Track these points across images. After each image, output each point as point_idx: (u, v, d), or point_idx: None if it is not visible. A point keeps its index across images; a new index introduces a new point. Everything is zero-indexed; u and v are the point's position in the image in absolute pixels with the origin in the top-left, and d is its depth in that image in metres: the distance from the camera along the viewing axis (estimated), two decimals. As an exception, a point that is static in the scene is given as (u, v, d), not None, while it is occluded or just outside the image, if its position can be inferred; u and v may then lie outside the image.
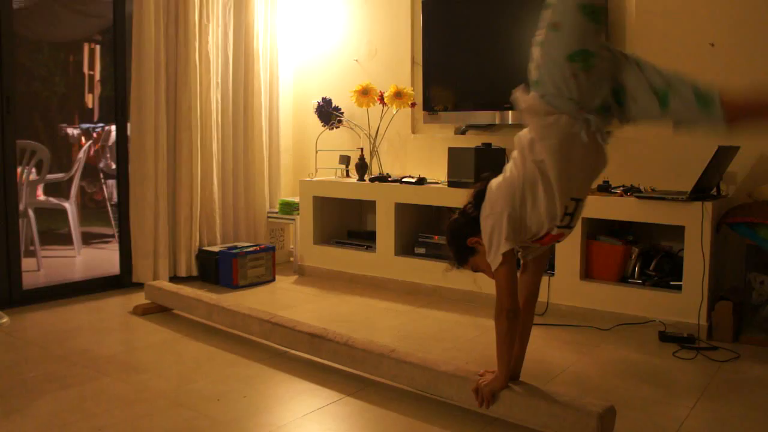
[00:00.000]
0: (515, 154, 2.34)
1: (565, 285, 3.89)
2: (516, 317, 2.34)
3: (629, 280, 3.81)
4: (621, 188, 3.85)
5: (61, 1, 7.05)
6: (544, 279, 3.86)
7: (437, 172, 4.73)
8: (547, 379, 2.93)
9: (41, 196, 5.83)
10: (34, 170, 5.60)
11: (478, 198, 2.40)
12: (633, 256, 3.83)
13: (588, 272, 3.89)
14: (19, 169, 4.51)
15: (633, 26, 4.04)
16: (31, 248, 5.28)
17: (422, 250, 4.50)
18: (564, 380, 2.93)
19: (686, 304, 3.53)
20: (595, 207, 3.76)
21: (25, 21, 6.81)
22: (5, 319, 2.81)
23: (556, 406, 2.27)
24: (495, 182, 2.38)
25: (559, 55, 2.16)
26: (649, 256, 3.86)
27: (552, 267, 3.95)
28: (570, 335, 3.57)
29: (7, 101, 3.97)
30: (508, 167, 2.36)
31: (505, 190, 2.31)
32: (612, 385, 2.88)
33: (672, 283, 3.68)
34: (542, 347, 3.37)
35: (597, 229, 3.93)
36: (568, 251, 3.85)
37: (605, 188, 3.88)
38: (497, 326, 2.35)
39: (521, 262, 2.52)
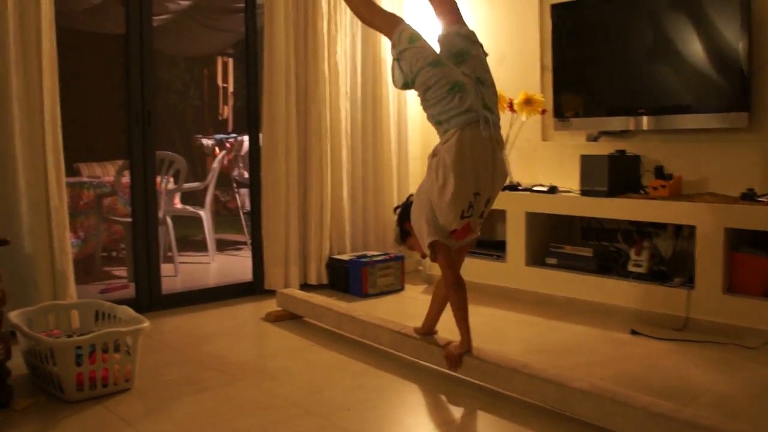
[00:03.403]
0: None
1: (706, 299, 3.68)
2: (461, 287, 2.89)
3: (778, 295, 3.58)
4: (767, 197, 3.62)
5: (196, 17, 7.31)
6: (684, 292, 3.72)
7: (568, 180, 4.60)
8: (689, 399, 2.78)
9: (178, 204, 6.07)
10: (171, 179, 5.84)
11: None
12: (782, 270, 3.59)
13: (731, 286, 3.67)
14: (158, 179, 4.70)
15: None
16: (169, 254, 5.50)
17: (554, 261, 4.38)
18: (707, 402, 2.77)
19: (844, 322, 3.27)
20: (739, 217, 3.55)
21: (162, 37, 7.12)
22: (146, 323, 2.92)
23: (700, 430, 2.14)
24: (416, 190, 3.00)
25: (440, 98, 2.77)
26: (800, 269, 3.61)
27: (691, 280, 3.76)
28: (713, 353, 3.38)
29: (147, 115, 4.14)
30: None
31: (422, 199, 2.93)
32: (760, 409, 2.70)
33: (827, 298, 3.42)
34: (682, 364, 3.21)
35: (740, 240, 3.70)
36: (709, 263, 3.65)
37: (750, 197, 3.65)
38: (450, 298, 2.92)
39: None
